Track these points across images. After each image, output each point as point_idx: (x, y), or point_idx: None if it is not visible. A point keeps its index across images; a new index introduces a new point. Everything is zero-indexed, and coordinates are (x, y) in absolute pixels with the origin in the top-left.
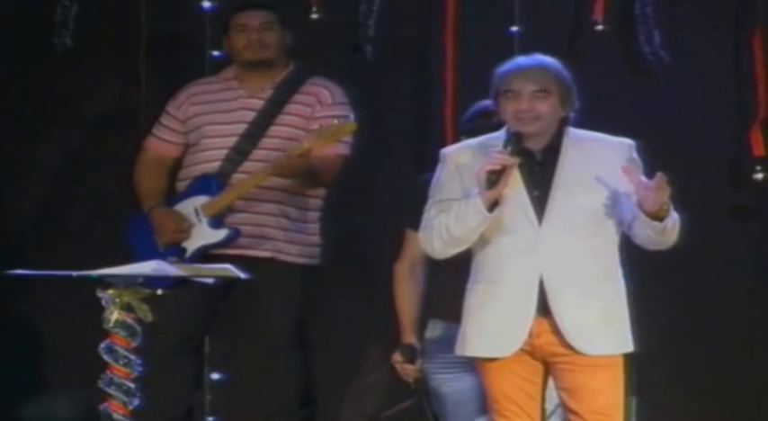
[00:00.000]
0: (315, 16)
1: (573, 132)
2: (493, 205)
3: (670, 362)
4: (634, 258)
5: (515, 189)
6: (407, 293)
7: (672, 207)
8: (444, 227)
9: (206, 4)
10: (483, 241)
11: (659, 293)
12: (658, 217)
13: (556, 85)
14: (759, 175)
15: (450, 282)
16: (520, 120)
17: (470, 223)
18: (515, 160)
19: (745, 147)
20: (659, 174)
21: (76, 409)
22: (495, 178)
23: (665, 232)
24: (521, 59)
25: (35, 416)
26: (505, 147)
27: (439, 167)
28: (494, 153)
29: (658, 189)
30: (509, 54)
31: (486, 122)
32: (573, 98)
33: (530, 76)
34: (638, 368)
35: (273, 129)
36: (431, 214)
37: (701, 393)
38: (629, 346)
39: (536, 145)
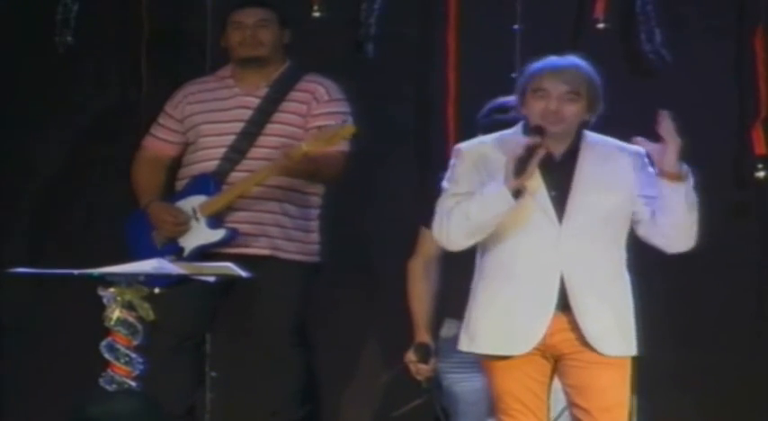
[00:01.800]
0: (316, 15)
1: (589, 136)
2: (517, 193)
3: (671, 361)
4: (634, 257)
5: (535, 188)
6: (421, 291)
7: (689, 171)
8: (465, 214)
9: (208, 2)
10: (501, 238)
11: (660, 292)
12: (678, 176)
13: (586, 89)
14: (761, 174)
15: (466, 281)
16: (545, 119)
17: (494, 210)
18: (543, 151)
19: (747, 146)
20: (662, 112)
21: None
22: (523, 166)
23: (689, 204)
24: (554, 59)
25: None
26: (530, 135)
27: (453, 162)
28: (521, 141)
29: (666, 131)
30: (511, 52)
31: (503, 117)
32: (600, 102)
33: (563, 77)
34: (638, 367)
35: (270, 128)
36: (447, 205)
37: (702, 393)
38: (633, 349)
39: (557, 148)
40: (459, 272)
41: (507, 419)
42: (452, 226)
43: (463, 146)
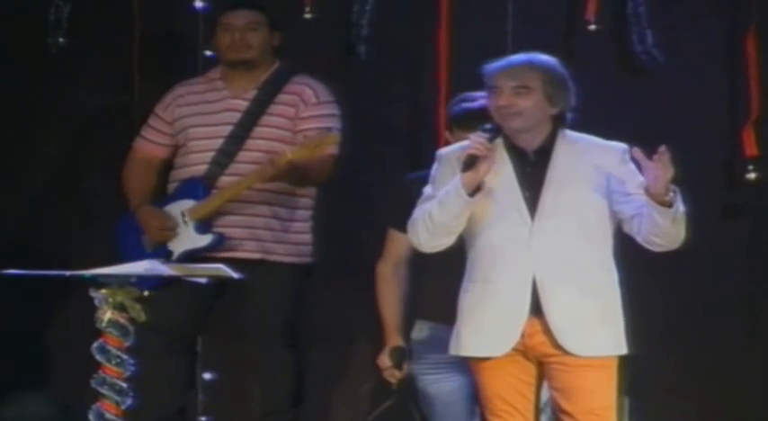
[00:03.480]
0: (308, 16)
1: (567, 134)
2: (474, 191)
3: (664, 361)
4: (627, 258)
5: (509, 188)
6: (390, 294)
7: (678, 194)
8: (428, 214)
9: (198, 4)
10: (477, 240)
11: (652, 293)
12: (665, 202)
13: (540, 82)
14: (752, 175)
15: (437, 282)
16: (502, 116)
17: (452, 208)
18: (492, 147)
19: (738, 147)
20: (662, 148)
21: (52, 408)
22: (471, 162)
23: (676, 221)
24: (511, 57)
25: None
26: (485, 132)
27: (435, 167)
28: (472, 137)
29: (662, 164)
30: (502, 54)
31: (470, 106)
32: (564, 96)
33: (511, 73)
34: (632, 368)
35: (258, 131)
36: (419, 208)
37: (696, 393)
38: (623, 348)
39: (529, 145)
40: (430, 274)
41: (495, 420)
42: (419, 227)
43: (443, 151)
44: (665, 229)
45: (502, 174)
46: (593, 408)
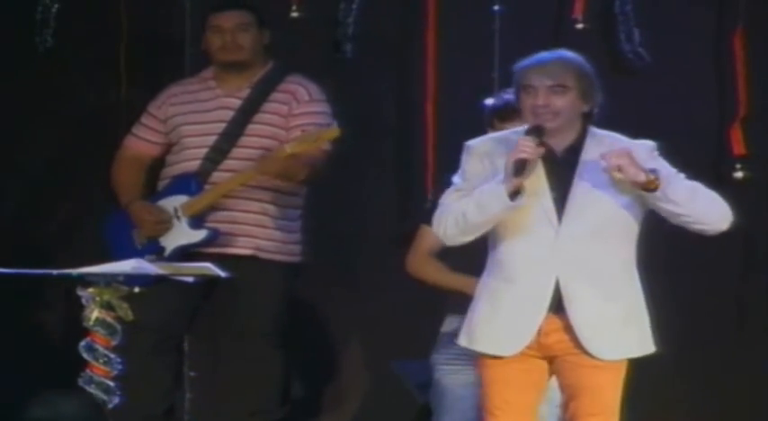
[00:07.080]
0: (295, 14)
1: (595, 132)
2: (514, 195)
3: (656, 360)
4: None
5: (538, 189)
6: (434, 269)
7: (659, 173)
8: (462, 213)
9: (186, 2)
10: (501, 239)
11: (643, 292)
12: (652, 186)
13: (575, 80)
14: (739, 174)
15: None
16: (537, 116)
17: (491, 211)
18: (541, 150)
19: (726, 146)
20: (603, 154)
21: (84, 408)
22: (522, 166)
23: (679, 201)
24: (542, 54)
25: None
26: (530, 134)
27: (463, 159)
28: (520, 141)
29: (613, 158)
30: (490, 52)
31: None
32: (595, 92)
33: (547, 71)
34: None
35: (251, 128)
36: (448, 199)
37: (688, 392)
38: (650, 347)
39: (559, 144)
40: (460, 269)
41: (491, 418)
42: (449, 222)
43: (472, 142)
44: (679, 212)
45: (532, 175)
46: (600, 407)
